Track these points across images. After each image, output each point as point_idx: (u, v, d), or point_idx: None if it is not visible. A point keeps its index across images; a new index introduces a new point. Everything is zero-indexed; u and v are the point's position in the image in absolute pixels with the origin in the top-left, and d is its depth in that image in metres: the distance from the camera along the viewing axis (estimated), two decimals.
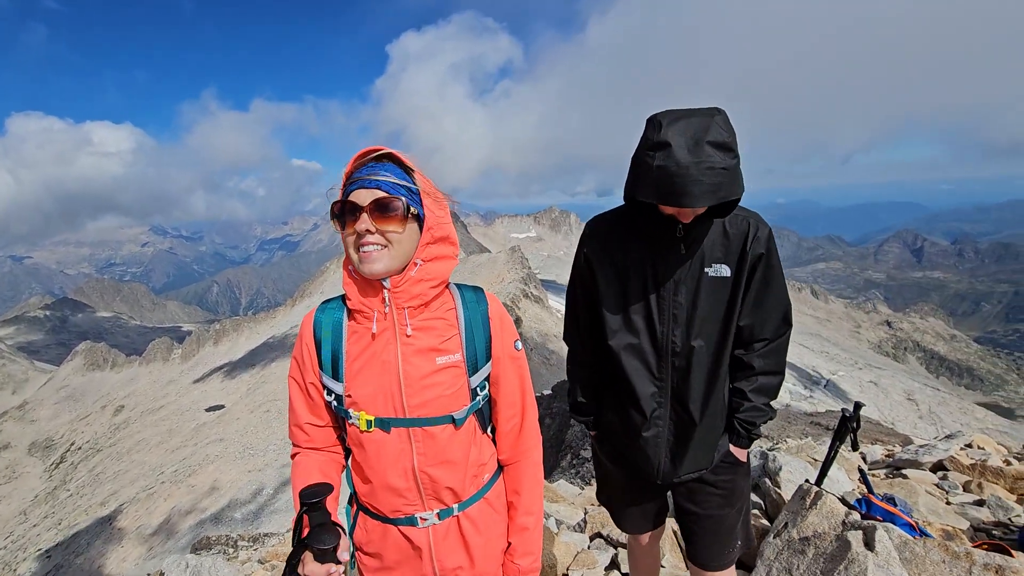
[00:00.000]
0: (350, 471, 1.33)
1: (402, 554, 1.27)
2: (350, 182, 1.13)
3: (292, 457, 1.33)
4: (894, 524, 2.40)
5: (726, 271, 1.46)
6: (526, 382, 1.32)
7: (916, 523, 2.61)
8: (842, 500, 2.72)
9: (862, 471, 2.99)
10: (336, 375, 1.20)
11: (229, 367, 70.05)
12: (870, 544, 1.98)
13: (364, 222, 1.09)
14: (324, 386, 1.23)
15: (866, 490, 2.83)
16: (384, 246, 1.11)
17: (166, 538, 34.24)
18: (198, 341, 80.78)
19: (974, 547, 2.26)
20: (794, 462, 3.52)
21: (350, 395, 1.19)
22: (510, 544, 1.35)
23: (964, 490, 3.61)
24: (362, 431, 1.19)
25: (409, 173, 1.15)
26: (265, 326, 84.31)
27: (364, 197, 1.10)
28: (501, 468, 1.38)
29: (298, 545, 1.05)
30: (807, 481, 2.64)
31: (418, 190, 1.14)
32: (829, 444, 2.65)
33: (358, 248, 1.12)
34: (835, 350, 70.09)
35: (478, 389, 1.23)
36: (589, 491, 5.45)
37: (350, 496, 1.36)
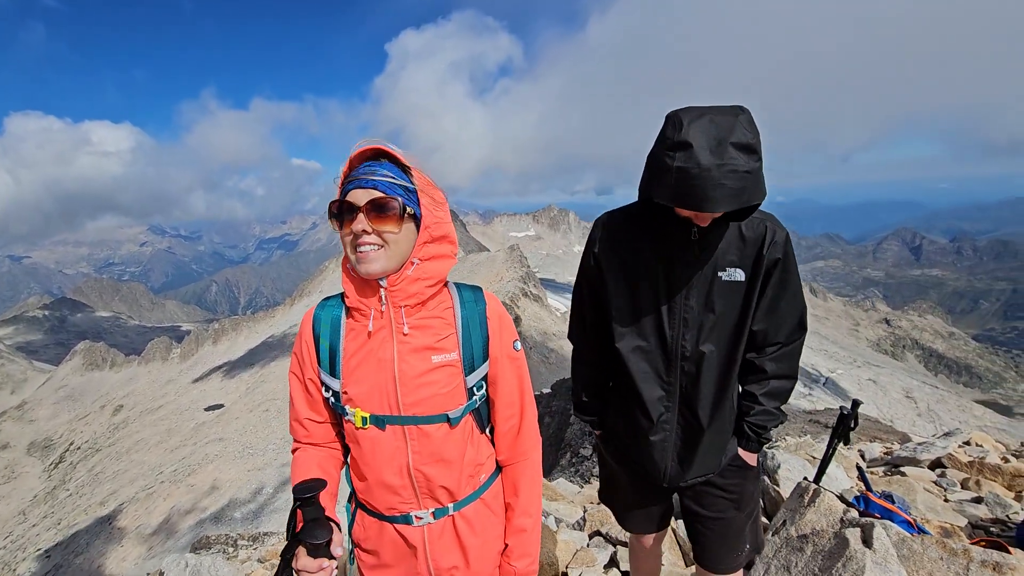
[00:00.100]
0: (349, 468, 1.33)
1: (398, 552, 1.27)
2: (347, 181, 1.12)
3: (292, 452, 1.34)
4: (892, 521, 2.41)
5: (740, 275, 1.41)
6: (525, 383, 1.31)
7: (914, 520, 2.62)
8: (840, 498, 2.72)
9: (860, 469, 3.00)
10: (333, 371, 1.21)
11: (228, 366, 70.00)
12: (868, 541, 1.99)
13: (360, 222, 1.09)
14: (322, 382, 1.23)
15: (864, 487, 2.84)
16: (380, 246, 1.11)
17: (166, 538, 34.23)
18: (197, 340, 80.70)
19: (972, 544, 2.27)
20: (792, 460, 3.53)
21: (346, 392, 1.20)
22: (507, 545, 1.34)
23: (962, 487, 3.62)
24: (358, 428, 1.19)
25: (407, 172, 1.14)
26: (264, 325, 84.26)
27: (360, 197, 1.09)
28: (500, 469, 1.37)
29: (292, 540, 1.06)
30: (805, 479, 2.65)
31: (415, 189, 1.14)
32: (827, 442, 2.66)
33: (355, 248, 1.11)
34: (834, 348, 70.18)
35: (475, 389, 1.23)
36: (588, 489, 5.46)
37: (350, 493, 1.36)
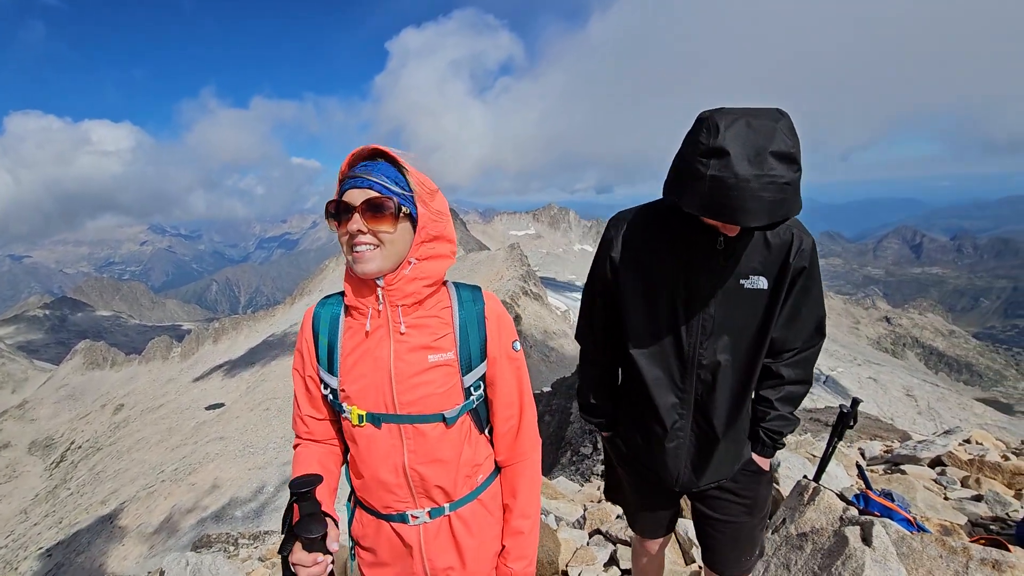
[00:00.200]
0: (348, 466, 1.33)
1: (395, 551, 1.27)
2: (344, 181, 1.13)
3: (294, 448, 1.35)
4: (892, 520, 2.42)
5: (763, 283, 1.36)
6: (524, 383, 1.30)
7: (914, 518, 2.62)
8: (840, 496, 2.73)
9: (860, 467, 3.00)
10: (331, 369, 1.21)
11: (229, 365, 70.04)
12: (868, 539, 1.99)
13: (356, 222, 1.09)
14: (321, 379, 1.24)
15: (864, 486, 2.84)
16: (376, 246, 1.11)
17: (167, 537, 34.30)
18: (197, 339, 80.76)
19: (971, 542, 2.27)
20: (792, 458, 3.54)
21: (344, 389, 1.20)
22: (504, 547, 1.33)
23: (962, 485, 3.63)
24: (354, 425, 1.20)
25: (403, 172, 1.14)
26: (264, 324, 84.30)
27: (356, 197, 1.10)
28: (499, 470, 1.36)
29: (288, 534, 1.07)
30: (805, 477, 2.65)
31: (411, 189, 1.14)
32: (827, 440, 2.66)
33: (351, 248, 1.12)
34: (834, 346, 70.17)
35: (472, 389, 1.22)
36: (589, 488, 5.47)
37: (350, 491, 1.37)
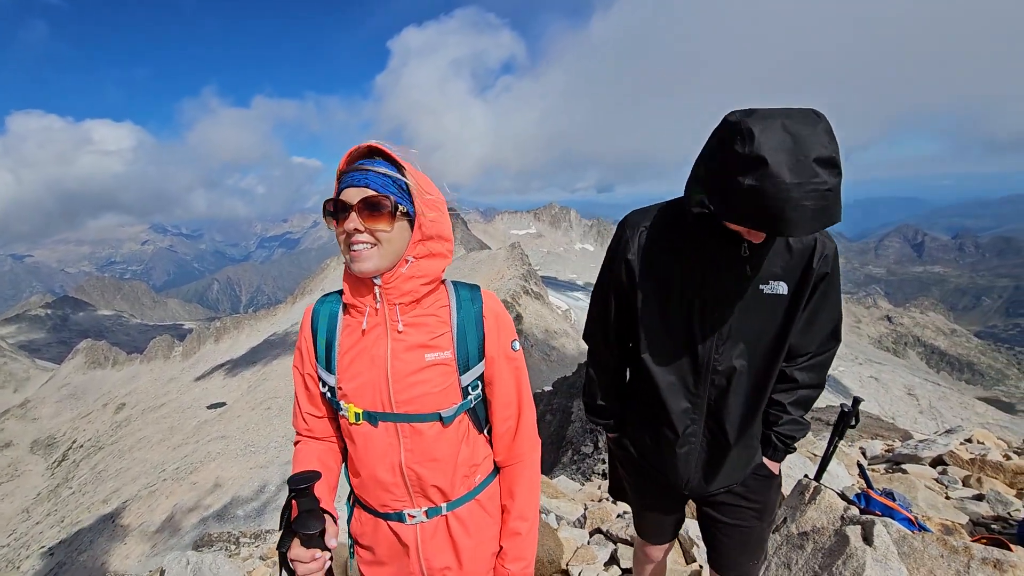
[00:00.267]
0: (347, 464, 1.34)
1: (392, 549, 1.27)
2: (342, 180, 1.12)
3: (295, 444, 1.35)
4: (893, 519, 2.41)
5: (783, 288, 1.31)
6: (523, 384, 1.30)
7: (915, 518, 2.62)
8: (841, 495, 2.73)
9: (861, 466, 3.00)
10: (329, 367, 1.21)
11: (230, 364, 70.15)
12: (869, 539, 1.99)
13: (353, 221, 1.09)
14: (319, 377, 1.24)
15: (865, 485, 2.85)
16: (373, 244, 1.11)
17: (169, 536, 34.38)
18: (199, 339, 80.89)
19: (973, 541, 2.27)
20: (793, 457, 3.53)
21: (341, 387, 1.20)
22: (502, 548, 1.32)
23: (963, 485, 3.62)
24: (351, 423, 1.20)
25: (401, 169, 1.14)
26: (266, 323, 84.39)
27: (353, 195, 1.09)
28: (498, 470, 1.36)
29: (286, 530, 1.07)
30: (806, 476, 2.65)
31: (408, 187, 1.13)
32: (828, 439, 2.66)
33: (349, 246, 1.12)
34: None
35: (470, 388, 1.22)
36: (589, 487, 5.47)
37: (350, 490, 1.37)
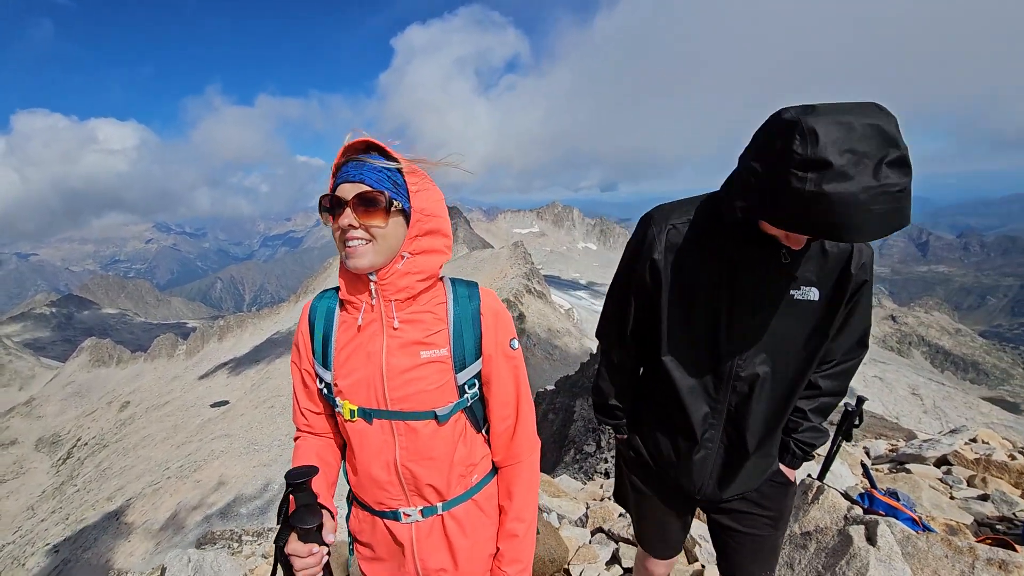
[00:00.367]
0: (345, 461, 1.33)
1: (388, 547, 1.27)
2: (337, 175, 1.12)
3: (295, 440, 1.35)
4: (897, 519, 2.41)
5: (814, 294, 1.25)
6: (521, 383, 1.28)
7: (919, 518, 2.61)
8: (845, 495, 2.72)
9: (865, 466, 2.99)
10: (326, 363, 1.21)
11: (234, 363, 70.37)
12: (872, 539, 1.98)
13: (347, 217, 1.08)
14: (316, 373, 1.24)
15: (869, 485, 2.84)
16: (368, 240, 1.10)
17: (173, 533, 34.52)
18: (202, 337, 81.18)
19: (978, 542, 2.26)
20: None
21: (337, 384, 1.20)
22: (499, 550, 1.30)
23: (968, 485, 3.60)
24: (346, 420, 1.19)
25: (397, 165, 1.12)
26: (269, 322, 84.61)
27: (348, 191, 1.08)
28: (496, 470, 1.34)
29: (283, 525, 1.07)
30: (809, 476, 2.64)
31: (404, 183, 1.12)
32: (831, 439, 2.65)
33: (344, 242, 1.11)
34: None
35: (466, 387, 1.20)
36: (591, 486, 5.47)
37: (349, 487, 1.37)
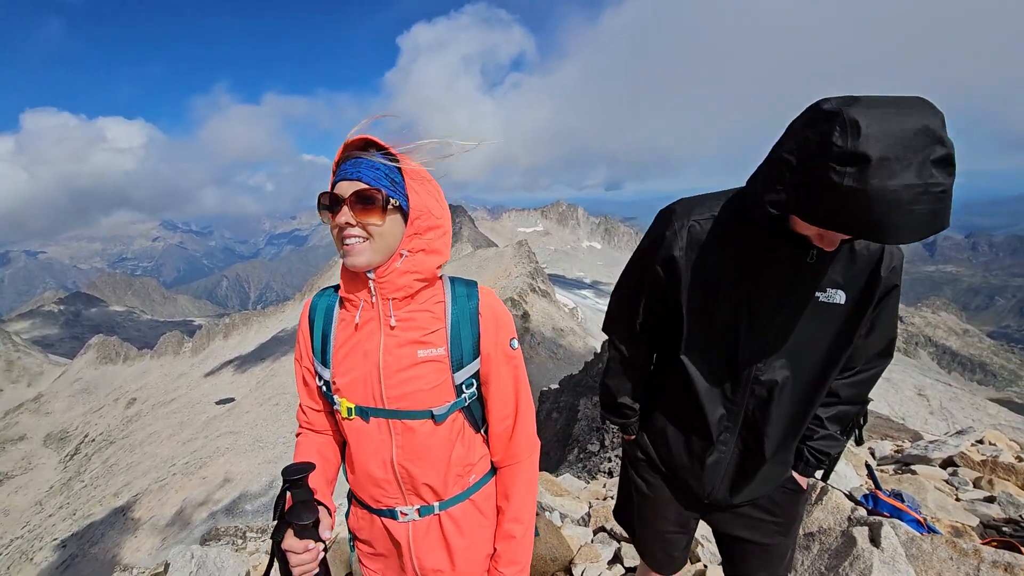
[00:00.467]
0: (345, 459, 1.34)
1: (386, 545, 1.27)
2: (336, 172, 1.11)
3: (296, 436, 1.35)
4: (901, 520, 2.39)
5: (840, 297, 1.21)
6: (521, 383, 1.28)
7: (924, 519, 2.59)
8: (849, 496, 2.71)
9: (869, 467, 2.98)
10: (325, 360, 1.21)
11: (239, 361, 70.78)
12: (876, 540, 1.97)
13: (344, 215, 1.08)
14: (315, 371, 1.24)
15: (873, 486, 2.82)
16: (366, 238, 1.10)
17: (179, 529, 34.80)
18: (208, 335, 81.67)
19: (983, 544, 2.24)
20: None
21: (335, 381, 1.20)
22: (496, 551, 1.30)
23: (974, 486, 3.58)
24: (343, 418, 1.20)
25: (397, 162, 1.11)
26: (274, 320, 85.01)
27: (346, 189, 1.08)
28: (494, 471, 1.34)
29: (280, 521, 1.08)
30: (813, 476, 2.63)
31: (403, 181, 1.12)
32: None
33: (342, 240, 1.11)
34: None
35: (464, 386, 1.20)
36: (595, 485, 5.47)
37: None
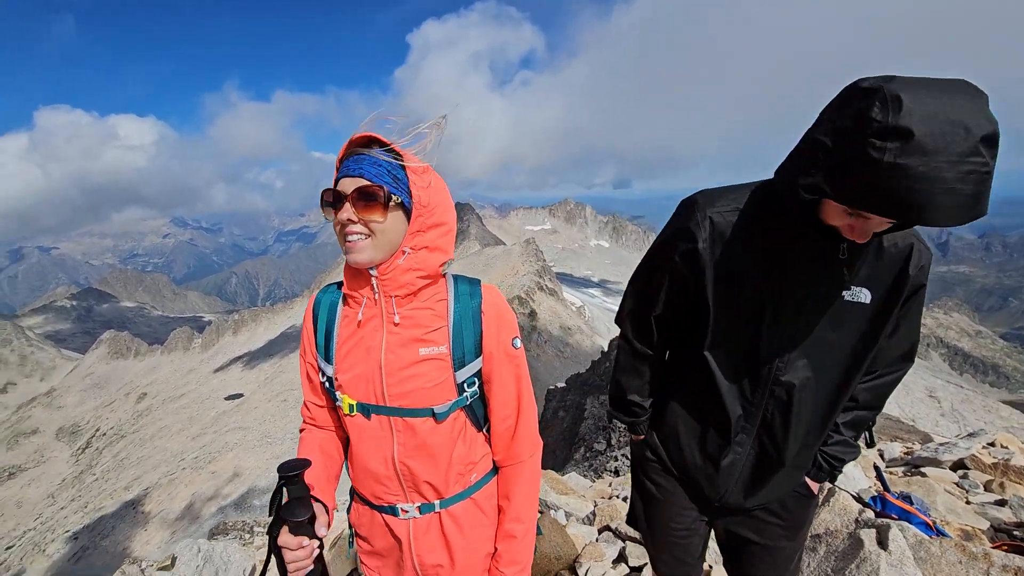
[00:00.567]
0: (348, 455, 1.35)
1: (386, 542, 1.28)
2: (340, 169, 1.11)
3: (300, 432, 1.36)
4: (910, 523, 2.37)
5: (865, 296, 1.18)
6: (523, 382, 1.27)
7: (933, 522, 2.56)
8: (857, 498, 2.68)
9: (878, 468, 2.95)
10: (328, 357, 1.21)
11: (248, 356, 71.38)
12: (883, 543, 1.95)
13: (346, 211, 1.08)
14: (319, 367, 1.25)
15: (882, 488, 2.80)
16: (367, 235, 1.09)
17: (189, 523, 35.21)
18: (218, 331, 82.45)
19: (993, 548, 2.22)
20: None
21: (337, 378, 1.20)
22: (496, 550, 1.30)
23: (985, 489, 3.53)
24: (345, 414, 1.20)
25: (400, 159, 1.11)
26: (283, 317, 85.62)
27: (348, 185, 1.08)
28: (496, 470, 1.34)
29: (276, 518, 1.08)
30: (826, 482, 2.61)
31: (406, 177, 1.11)
32: None
33: (344, 237, 1.11)
34: None
35: (465, 385, 1.20)
36: (600, 484, 5.46)
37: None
